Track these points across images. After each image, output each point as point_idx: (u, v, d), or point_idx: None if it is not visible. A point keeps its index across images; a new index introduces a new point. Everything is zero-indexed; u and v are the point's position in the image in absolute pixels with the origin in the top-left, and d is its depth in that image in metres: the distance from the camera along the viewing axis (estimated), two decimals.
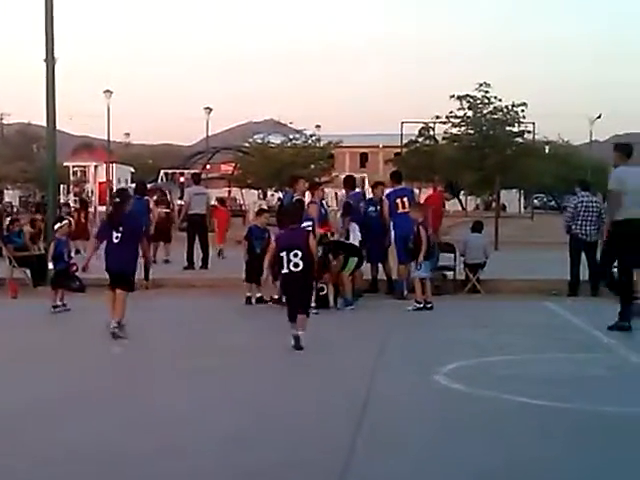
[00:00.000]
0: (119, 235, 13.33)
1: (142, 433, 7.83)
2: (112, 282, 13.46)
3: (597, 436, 7.71)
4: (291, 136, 63.50)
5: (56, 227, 16.24)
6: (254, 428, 7.89)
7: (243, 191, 65.85)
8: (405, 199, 17.94)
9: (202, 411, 8.56)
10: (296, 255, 12.12)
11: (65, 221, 16.95)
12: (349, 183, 19.17)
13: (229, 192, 68.03)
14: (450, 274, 19.16)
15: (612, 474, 6.67)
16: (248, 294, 16.65)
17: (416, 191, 58.66)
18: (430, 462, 6.87)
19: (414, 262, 16.35)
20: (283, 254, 12.21)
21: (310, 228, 14.70)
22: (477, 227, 19.99)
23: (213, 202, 28.11)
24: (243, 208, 58.07)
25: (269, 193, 62.62)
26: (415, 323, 14.94)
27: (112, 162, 69.62)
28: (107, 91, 67.49)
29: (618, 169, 13.74)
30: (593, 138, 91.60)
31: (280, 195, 24.42)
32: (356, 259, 16.47)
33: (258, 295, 16.70)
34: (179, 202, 37.23)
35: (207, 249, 23.46)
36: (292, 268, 12.12)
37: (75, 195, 52.92)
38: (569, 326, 14.51)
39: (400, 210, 17.64)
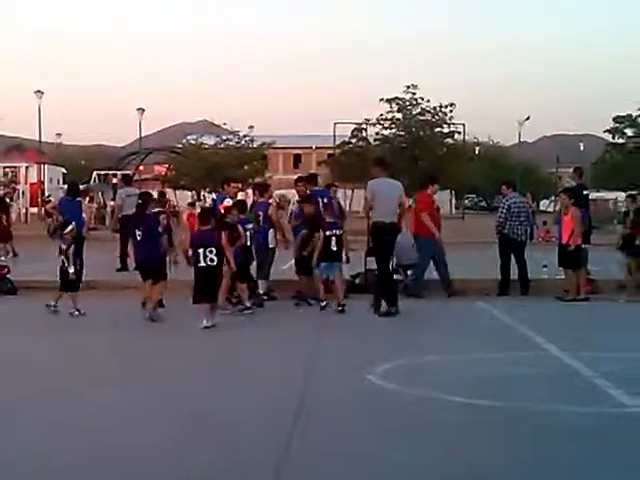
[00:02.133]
0: (140, 233, 15.24)
1: (70, 441, 7.73)
2: (143, 275, 15.40)
3: (527, 434, 7.85)
4: (224, 137, 63.35)
5: (67, 230, 16.07)
6: (184, 434, 7.84)
7: (177, 192, 65.54)
8: (325, 199, 18.01)
9: (129, 419, 8.46)
10: (211, 252, 14.10)
11: (72, 225, 16.82)
12: (314, 181, 18.89)
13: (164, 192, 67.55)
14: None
15: (543, 472, 6.80)
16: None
17: (349, 192, 58.58)
18: (365, 464, 6.93)
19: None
20: (200, 250, 14.14)
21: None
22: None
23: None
24: (176, 209, 57.79)
25: (202, 194, 62.37)
26: (347, 324, 14.97)
27: (43, 163, 68.81)
28: (38, 91, 66.76)
29: (373, 180, 16.21)
30: (522, 139, 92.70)
31: (214, 196, 24.37)
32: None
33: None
34: (111, 203, 37.08)
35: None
36: (208, 262, 14.09)
37: (5, 195, 52.29)
38: (500, 325, 14.69)
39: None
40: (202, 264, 14.13)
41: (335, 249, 16.05)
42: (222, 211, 16.53)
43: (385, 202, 15.81)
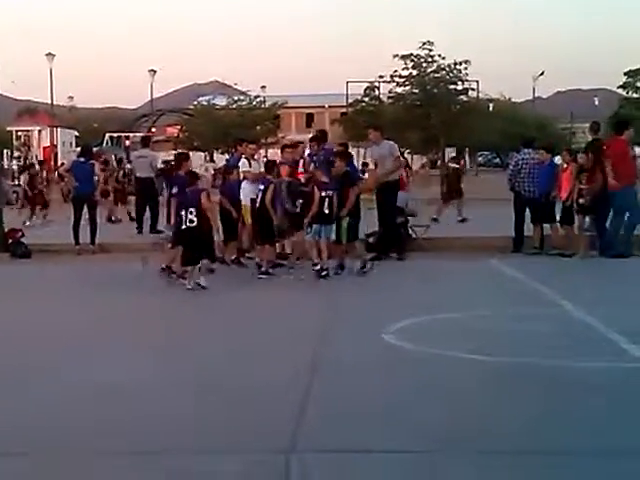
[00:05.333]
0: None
1: (76, 406, 7.69)
2: None
3: (539, 389, 7.88)
4: (236, 97, 63.17)
5: None
6: (200, 395, 7.87)
7: (189, 153, 65.48)
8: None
9: (143, 383, 8.43)
10: (191, 213, 14.01)
11: None
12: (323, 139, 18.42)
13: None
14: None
15: (555, 426, 6.81)
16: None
17: (362, 151, 58.54)
18: (380, 422, 6.95)
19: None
20: (182, 212, 14.14)
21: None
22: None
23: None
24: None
25: (215, 155, 62.36)
26: (362, 282, 14.97)
27: (56, 126, 68.82)
28: (49, 54, 66.57)
29: (375, 144, 18.37)
30: (536, 95, 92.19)
31: (227, 157, 24.41)
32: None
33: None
34: (128, 166, 37.15)
35: (154, 212, 23.21)
36: (188, 224, 14.03)
37: (26, 159, 52.13)
38: (514, 282, 14.70)
39: None
40: (183, 226, 14.19)
41: (327, 212, 15.16)
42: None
43: (382, 163, 17.62)
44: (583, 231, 17.85)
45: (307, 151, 18.30)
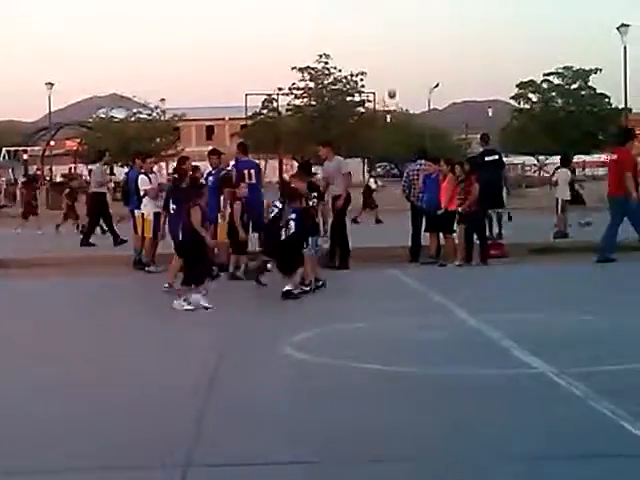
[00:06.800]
0: None
1: None
2: None
3: (434, 398, 8.03)
4: (135, 110, 62.85)
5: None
6: (96, 405, 7.87)
7: (89, 167, 64.89)
8: (252, 171, 18.15)
9: (41, 391, 8.45)
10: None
11: None
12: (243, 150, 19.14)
13: (75, 168, 66.91)
14: None
15: (450, 433, 6.98)
16: None
17: (262, 163, 58.66)
18: (278, 433, 7.01)
19: None
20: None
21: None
22: None
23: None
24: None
25: (115, 168, 61.81)
26: (263, 294, 14.96)
27: None
28: None
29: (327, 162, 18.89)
30: (432, 106, 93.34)
31: (126, 170, 24.59)
32: None
33: None
34: (22, 179, 37.15)
35: (90, 226, 24.12)
36: None
37: None
38: (411, 291, 14.91)
39: (247, 181, 17.64)
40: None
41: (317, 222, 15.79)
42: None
43: (333, 179, 18.26)
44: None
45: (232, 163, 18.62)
